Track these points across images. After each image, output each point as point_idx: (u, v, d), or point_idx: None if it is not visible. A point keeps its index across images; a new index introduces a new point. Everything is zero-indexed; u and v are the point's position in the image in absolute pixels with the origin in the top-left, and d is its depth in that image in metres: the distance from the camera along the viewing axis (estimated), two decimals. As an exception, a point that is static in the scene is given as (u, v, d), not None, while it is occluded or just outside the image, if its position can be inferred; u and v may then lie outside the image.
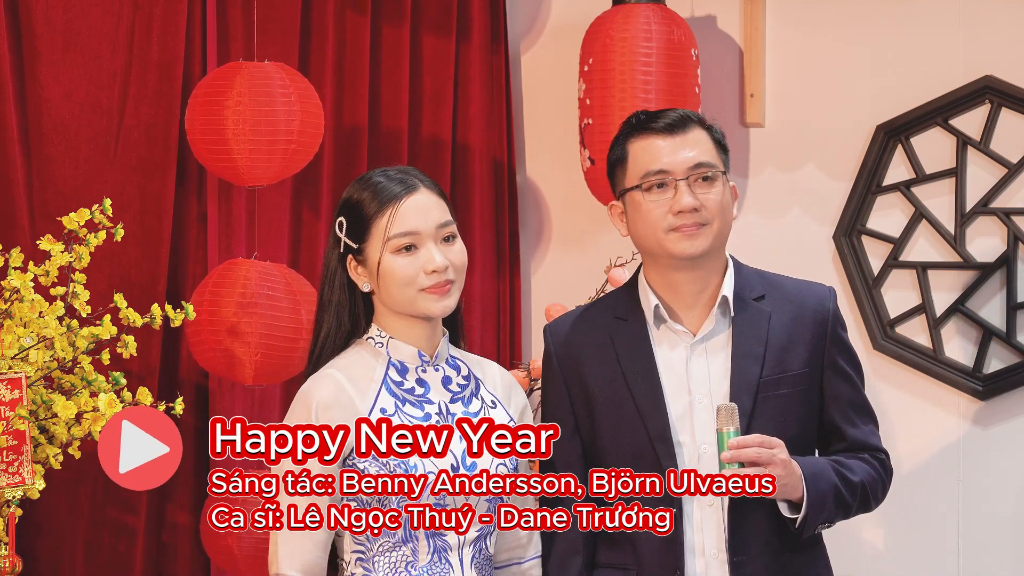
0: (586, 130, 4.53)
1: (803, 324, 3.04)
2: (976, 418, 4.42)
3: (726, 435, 2.88)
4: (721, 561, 2.97)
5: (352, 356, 2.93)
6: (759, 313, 3.03)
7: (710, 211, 2.99)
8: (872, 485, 3.07)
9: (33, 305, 3.63)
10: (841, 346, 3.08)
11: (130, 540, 4.29)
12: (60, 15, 4.19)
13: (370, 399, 2.88)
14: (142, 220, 4.29)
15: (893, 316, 4.51)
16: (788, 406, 3.01)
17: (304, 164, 4.22)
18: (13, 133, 4.10)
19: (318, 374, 2.91)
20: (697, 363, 3.01)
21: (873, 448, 3.10)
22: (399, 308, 2.91)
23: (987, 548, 4.40)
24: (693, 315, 3.04)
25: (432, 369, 2.95)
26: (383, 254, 2.87)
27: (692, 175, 2.99)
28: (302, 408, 2.88)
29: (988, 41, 4.39)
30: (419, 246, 2.88)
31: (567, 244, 4.98)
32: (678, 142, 3.01)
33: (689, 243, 2.99)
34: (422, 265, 2.87)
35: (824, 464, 3.00)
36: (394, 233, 2.87)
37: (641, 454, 2.97)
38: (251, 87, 4.09)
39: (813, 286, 3.12)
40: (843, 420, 3.07)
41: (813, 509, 2.94)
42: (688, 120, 3.03)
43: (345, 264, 2.93)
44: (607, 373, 3.03)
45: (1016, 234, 4.35)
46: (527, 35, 5.04)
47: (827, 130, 4.61)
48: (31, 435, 3.51)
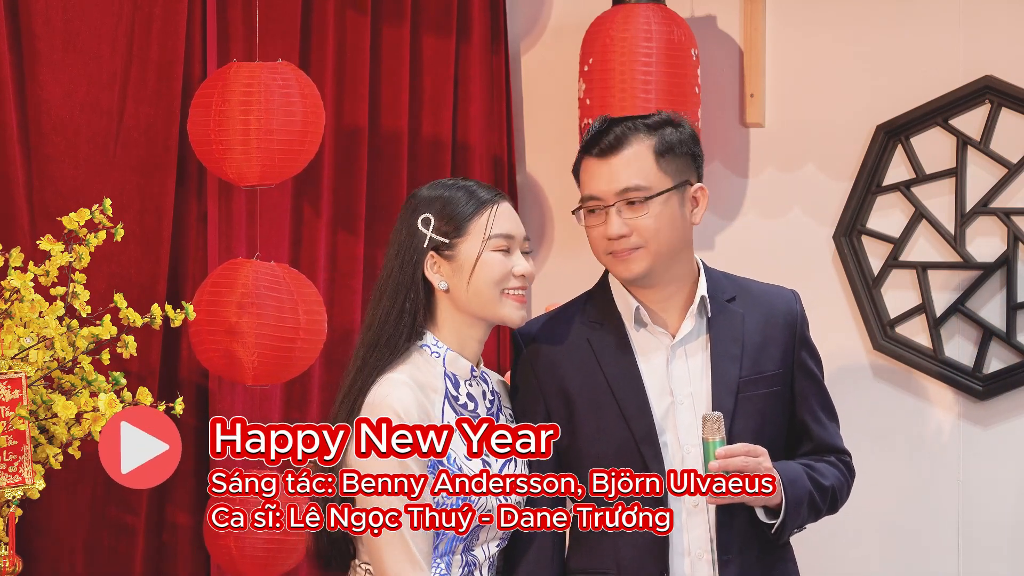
0: (586, 130, 4.53)
1: (774, 326, 3.06)
2: (976, 418, 4.42)
3: (713, 444, 2.89)
4: (707, 561, 2.97)
5: (416, 362, 2.93)
6: (733, 314, 3.05)
7: (642, 235, 2.98)
8: (839, 488, 3.09)
9: (33, 305, 3.63)
10: (808, 347, 3.11)
11: (130, 540, 4.29)
12: (60, 15, 4.18)
13: (438, 411, 2.90)
14: (142, 220, 4.29)
15: (893, 316, 4.51)
16: (765, 406, 3.02)
17: (306, 163, 4.21)
18: (13, 133, 4.09)
19: (391, 379, 2.89)
20: (677, 364, 3.02)
21: (838, 450, 3.13)
22: (476, 307, 2.93)
23: (987, 548, 4.40)
24: (670, 319, 3.05)
25: (476, 383, 2.98)
26: (483, 251, 2.91)
27: (618, 200, 2.98)
28: (385, 410, 2.85)
29: (988, 41, 4.39)
30: (511, 251, 2.95)
31: (567, 244, 4.98)
32: (610, 165, 3.00)
33: (624, 267, 3.01)
34: (511, 268, 2.94)
35: (799, 470, 3.02)
36: (497, 232, 2.94)
37: (627, 456, 2.97)
38: (252, 87, 4.09)
39: (779, 289, 3.15)
40: (812, 420, 3.09)
41: (790, 514, 2.96)
42: (624, 138, 3.00)
43: (423, 260, 2.93)
44: (587, 377, 3.02)
45: (1016, 234, 4.35)
46: (527, 35, 5.04)
47: (827, 130, 4.61)
48: (31, 435, 3.51)
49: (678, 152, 3.02)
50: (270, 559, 4.15)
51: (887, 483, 4.44)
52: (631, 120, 3.04)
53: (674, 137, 3.02)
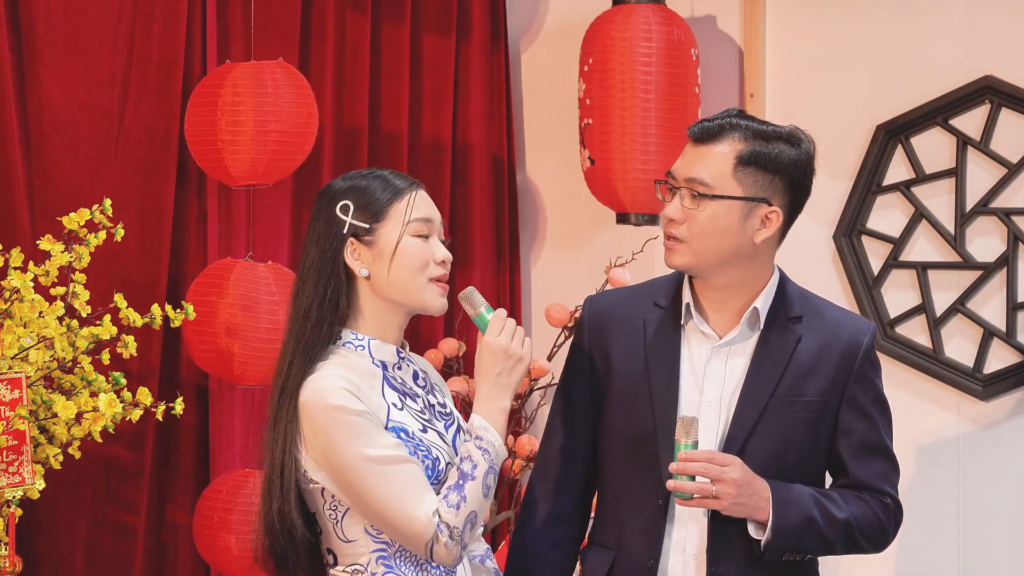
0: (586, 130, 4.53)
1: (831, 353, 3.00)
2: (976, 418, 4.42)
3: (681, 446, 2.90)
4: (700, 563, 2.97)
5: (342, 356, 2.91)
6: (790, 333, 3.00)
7: (690, 229, 2.95)
8: (863, 526, 3.03)
9: (33, 305, 3.63)
10: (866, 384, 3.04)
11: (130, 540, 4.29)
12: (60, 15, 4.19)
13: (378, 392, 2.89)
14: (142, 220, 4.29)
15: (893, 316, 4.51)
16: (794, 430, 2.99)
17: (299, 163, 4.20)
18: (13, 133, 4.10)
19: (319, 373, 2.86)
20: (715, 366, 3.00)
21: (876, 490, 3.06)
22: (398, 294, 2.92)
23: (987, 548, 4.40)
24: (721, 319, 3.02)
25: (406, 365, 2.98)
26: (403, 236, 2.90)
27: (685, 186, 2.96)
28: (340, 397, 2.82)
29: (988, 41, 4.39)
30: (430, 236, 2.93)
31: (567, 244, 4.98)
32: (697, 151, 2.96)
33: (667, 254, 3.00)
34: (432, 254, 2.92)
35: (805, 495, 2.98)
36: (417, 217, 2.91)
37: (644, 439, 2.99)
38: (242, 87, 4.09)
39: (855, 319, 3.09)
40: (849, 456, 3.03)
41: (778, 535, 2.94)
42: (721, 132, 2.93)
43: (343, 247, 2.92)
44: (631, 355, 3.03)
45: (1016, 234, 4.35)
46: (527, 35, 5.04)
47: (827, 130, 4.59)
48: (31, 435, 3.52)
49: (768, 169, 2.94)
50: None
51: (887, 483, 4.44)
52: (743, 119, 2.96)
53: (772, 153, 2.95)
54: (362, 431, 2.81)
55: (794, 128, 3.00)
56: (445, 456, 2.90)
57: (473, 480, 2.84)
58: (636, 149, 4.45)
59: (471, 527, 2.84)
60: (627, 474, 3.02)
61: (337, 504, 2.88)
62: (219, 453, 4.36)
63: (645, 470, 2.99)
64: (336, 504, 2.88)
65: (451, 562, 2.85)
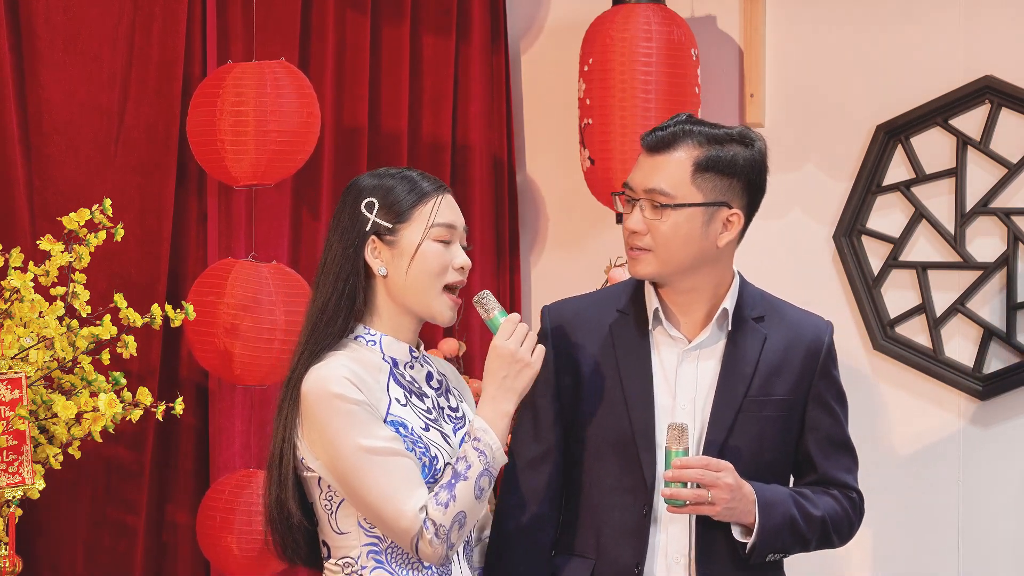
0: (586, 130, 4.53)
1: (796, 352, 3.02)
2: (976, 418, 4.42)
3: (673, 454, 2.89)
4: (683, 566, 2.97)
5: (353, 349, 2.92)
6: (755, 333, 3.01)
7: (654, 239, 2.95)
8: (836, 522, 3.05)
9: (33, 305, 3.64)
10: (829, 381, 3.06)
11: (130, 540, 4.29)
12: (60, 15, 4.19)
13: (383, 386, 2.89)
14: (142, 220, 4.29)
15: (893, 316, 4.51)
16: (767, 429, 3.00)
17: (302, 163, 4.21)
18: (13, 133, 4.10)
19: (325, 362, 2.87)
20: (686, 369, 3.01)
21: (843, 485, 3.08)
22: (411, 298, 2.92)
23: (987, 548, 4.40)
24: (689, 323, 3.03)
25: (420, 365, 2.98)
26: (424, 240, 2.90)
27: (644, 197, 2.96)
28: (340, 385, 2.83)
29: (988, 41, 4.39)
30: (451, 243, 2.94)
31: (567, 244, 4.98)
32: (651, 161, 2.96)
33: (632, 264, 3.00)
34: (451, 260, 2.93)
35: (784, 495, 2.99)
36: (440, 222, 2.92)
37: (623, 445, 2.98)
38: (244, 87, 4.09)
39: (813, 318, 3.10)
40: (817, 453, 3.05)
41: (763, 537, 2.94)
42: (674, 140, 2.94)
43: (364, 244, 2.93)
44: (601, 361, 3.02)
45: (1016, 234, 4.35)
46: (527, 35, 5.04)
47: (827, 130, 4.61)
48: (31, 435, 3.51)
49: (725, 172, 2.94)
50: (261, 558, 4.14)
51: (887, 483, 4.44)
52: (694, 124, 2.96)
53: (728, 156, 2.95)
54: (359, 420, 2.82)
55: (745, 128, 3.00)
56: (445, 457, 2.90)
57: (466, 480, 2.84)
58: (636, 149, 4.44)
59: (459, 527, 2.84)
60: (605, 479, 3.00)
61: (332, 494, 2.88)
62: (219, 453, 4.36)
63: (625, 474, 2.98)
64: (331, 494, 2.88)
65: (436, 560, 2.85)
